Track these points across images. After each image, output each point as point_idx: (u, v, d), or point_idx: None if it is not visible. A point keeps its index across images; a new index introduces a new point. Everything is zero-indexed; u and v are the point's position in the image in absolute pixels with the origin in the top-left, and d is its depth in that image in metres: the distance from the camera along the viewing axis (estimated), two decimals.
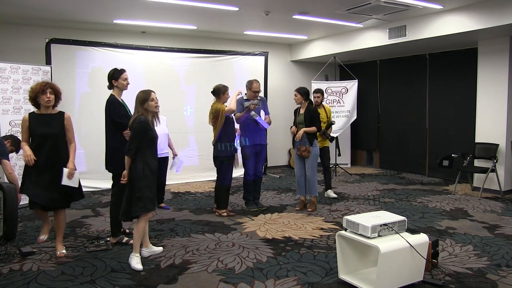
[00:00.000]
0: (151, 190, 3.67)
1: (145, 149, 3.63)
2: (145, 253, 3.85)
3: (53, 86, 3.82)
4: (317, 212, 5.47)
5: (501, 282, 3.31)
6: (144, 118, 3.63)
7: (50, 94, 3.76)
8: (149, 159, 3.66)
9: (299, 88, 5.55)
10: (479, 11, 5.71)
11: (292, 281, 3.35)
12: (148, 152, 3.65)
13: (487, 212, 5.48)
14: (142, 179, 3.60)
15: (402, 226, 3.23)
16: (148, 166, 3.63)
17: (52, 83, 3.86)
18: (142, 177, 3.59)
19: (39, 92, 3.71)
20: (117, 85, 4.15)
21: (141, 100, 3.66)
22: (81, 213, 5.45)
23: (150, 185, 3.66)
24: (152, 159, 3.70)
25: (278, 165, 9.25)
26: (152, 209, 3.72)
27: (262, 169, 5.74)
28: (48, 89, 3.75)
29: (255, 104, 5.30)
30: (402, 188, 7.12)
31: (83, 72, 6.84)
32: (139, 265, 3.59)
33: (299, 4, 5.83)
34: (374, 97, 9.36)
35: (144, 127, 3.61)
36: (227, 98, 5.20)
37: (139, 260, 3.63)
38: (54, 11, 6.02)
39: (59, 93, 3.89)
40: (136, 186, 3.59)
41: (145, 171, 3.61)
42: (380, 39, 7.22)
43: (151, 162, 3.67)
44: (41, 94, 3.71)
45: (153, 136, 3.71)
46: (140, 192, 3.59)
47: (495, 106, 6.55)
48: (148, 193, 3.63)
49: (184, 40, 8.05)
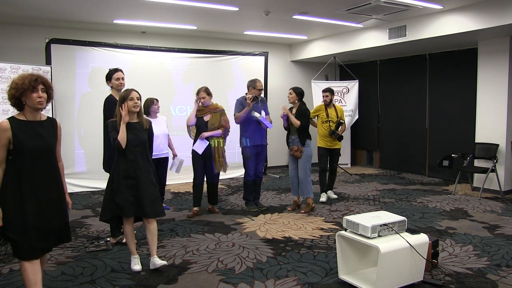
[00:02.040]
0: (119, 195, 3.44)
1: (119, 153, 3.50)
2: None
3: (45, 82, 2.67)
4: (317, 212, 5.47)
5: (501, 282, 3.31)
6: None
7: (42, 92, 2.63)
8: (120, 163, 3.49)
9: (295, 87, 5.53)
10: (479, 11, 5.71)
11: (292, 281, 3.35)
12: (119, 156, 3.50)
13: (487, 212, 5.48)
14: (111, 182, 3.51)
15: (402, 226, 3.23)
16: (117, 171, 3.48)
17: (43, 77, 2.69)
18: (110, 180, 3.52)
19: (28, 89, 2.58)
20: (111, 85, 4.20)
21: (120, 99, 3.52)
22: (81, 213, 5.45)
23: (120, 189, 3.45)
24: (123, 164, 3.48)
25: (278, 165, 9.25)
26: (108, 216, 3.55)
27: (262, 169, 5.74)
28: (40, 85, 2.62)
29: (251, 98, 5.29)
30: (402, 188, 7.12)
31: (83, 72, 6.84)
32: (136, 266, 3.56)
33: (299, 4, 5.83)
34: (374, 97, 9.36)
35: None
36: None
37: (137, 261, 3.61)
38: (54, 11, 6.02)
39: (52, 90, 2.72)
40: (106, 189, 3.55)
41: (115, 174, 3.50)
42: (380, 39, 7.22)
43: (122, 166, 3.48)
44: (30, 92, 2.59)
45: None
46: (105, 195, 3.53)
47: (495, 106, 6.55)
48: (117, 198, 3.45)
49: (184, 40, 8.06)
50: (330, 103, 6.17)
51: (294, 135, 5.40)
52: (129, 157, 3.48)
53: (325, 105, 6.12)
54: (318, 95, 7.60)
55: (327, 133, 6.01)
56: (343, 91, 8.57)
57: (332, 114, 6.09)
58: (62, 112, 6.63)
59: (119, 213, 3.51)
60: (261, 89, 5.49)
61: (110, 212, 3.51)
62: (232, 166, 8.14)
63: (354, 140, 9.69)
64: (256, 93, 5.46)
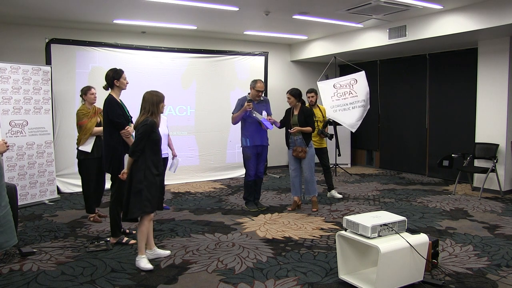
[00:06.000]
0: (151, 192, 3.61)
1: (148, 151, 3.59)
2: (149, 255, 3.78)
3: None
4: (317, 212, 5.47)
5: (501, 282, 3.31)
6: (151, 120, 3.59)
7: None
8: (152, 161, 3.60)
9: (291, 90, 5.49)
10: (479, 11, 5.71)
11: (292, 281, 3.35)
12: (150, 154, 3.60)
13: (487, 212, 5.48)
14: (143, 180, 3.56)
15: (402, 226, 3.23)
16: (149, 168, 3.58)
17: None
18: (142, 178, 3.56)
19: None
20: (119, 85, 4.15)
21: (157, 101, 3.65)
22: (81, 213, 5.45)
23: (151, 186, 3.61)
24: (155, 161, 3.63)
25: (278, 165, 9.25)
26: (149, 212, 3.64)
27: (263, 169, 5.74)
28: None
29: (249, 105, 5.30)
30: (402, 188, 7.12)
31: (83, 72, 6.84)
32: (149, 265, 3.57)
33: (299, 4, 5.83)
34: (374, 97, 9.31)
35: (150, 130, 3.57)
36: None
37: (147, 261, 3.61)
38: (54, 11, 6.02)
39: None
40: (135, 188, 3.56)
41: (146, 172, 3.57)
42: (380, 39, 7.22)
43: (153, 164, 3.61)
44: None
45: (157, 138, 3.65)
46: (138, 193, 3.55)
47: (495, 106, 6.55)
48: (147, 195, 3.57)
49: (184, 40, 8.06)
50: (315, 104, 6.34)
51: (297, 135, 5.40)
52: (160, 155, 3.76)
53: (311, 106, 6.18)
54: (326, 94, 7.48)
55: (315, 133, 6.05)
56: (351, 82, 8.06)
57: (318, 114, 6.24)
58: (62, 112, 6.63)
59: (152, 211, 3.68)
60: (260, 90, 5.46)
61: (144, 210, 3.57)
62: (232, 166, 8.17)
63: (354, 140, 9.69)
64: (255, 94, 5.45)
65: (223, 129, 7.99)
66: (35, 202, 5.93)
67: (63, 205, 5.92)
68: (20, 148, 5.76)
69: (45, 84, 6.12)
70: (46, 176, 6.10)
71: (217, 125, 7.95)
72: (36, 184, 5.97)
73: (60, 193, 6.48)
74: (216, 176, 7.95)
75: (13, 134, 5.67)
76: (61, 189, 6.59)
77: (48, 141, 6.15)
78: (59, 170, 6.56)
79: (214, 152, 8.02)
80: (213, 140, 7.98)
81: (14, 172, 5.70)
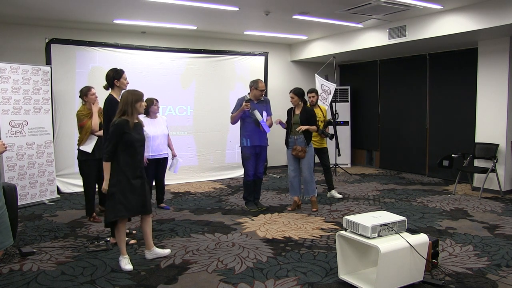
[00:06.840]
0: (126, 196, 3.50)
1: (122, 154, 3.50)
2: (149, 255, 3.78)
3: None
4: (317, 212, 5.47)
5: (501, 282, 3.30)
6: (120, 120, 3.49)
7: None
8: (127, 164, 3.51)
9: (294, 89, 5.50)
10: (479, 11, 5.71)
11: (292, 281, 3.35)
12: (125, 156, 3.50)
13: (487, 212, 5.48)
14: (116, 184, 3.49)
15: (402, 226, 3.23)
16: (122, 172, 3.49)
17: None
18: (115, 182, 3.49)
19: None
20: (119, 85, 4.15)
21: (133, 100, 3.54)
22: (81, 213, 5.45)
23: (125, 190, 3.50)
24: (131, 164, 3.52)
25: (278, 165, 9.25)
26: (124, 216, 3.56)
27: (262, 169, 5.73)
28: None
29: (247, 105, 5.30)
30: (402, 188, 7.12)
31: (83, 72, 6.84)
32: (128, 266, 3.56)
33: (299, 4, 5.83)
34: (374, 97, 9.36)
35: (119, 131, 3.47)
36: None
37: (127, 261, 3.61)
38: (54, 11, 6.02)
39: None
40: (109, 191, 3.51)
41: (120, 176, 3.49)
42: (380, 39, 7.22)
43: (129, 167, 3.51)
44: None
45: (131, 139, 3.51)
46: (111, 197, 3.50)
47: (495, 106, 6.55)
48: (121, 199, 3.48)
49: (184, 40, 8.05)
50: (316, 104, 6.32)
51: (297, 135, 5.40)
52: (137, 157, 3.59)
53: (311, 106, 6.18)
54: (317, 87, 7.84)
55: (316, 133, 6.04)
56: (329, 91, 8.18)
57: (319, 114, 6.22)
58: (62, 112, 6.63)
59: (127, 215, 3.61)
60: (263, 89, 5.50)
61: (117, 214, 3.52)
62: (232, 166, 8.17)
63: (354, 140, 9.69)
64: (257, 94, 5.47)
65: (222, 129, 7.99)
66: (35, 202, 5.93)
67: (63, 205, 5.92)
68: (20, 148, 5.76)
69: (45, 84, 6.12)
70: (46, 176, 6.10)
71: (217, 125, 7.95)
72: (36, 184, 5.97)
73: (60, 193, 6.48)
74: (216, 176, 7.95)
75: (13, 134, 5.67)
76: (61, 189, 6.59)
77: (48, 141, 6.15)
78: (59, 170, 6.56)
79: (214, 152, 8.02)
80: (213, 140, 7.98)
81: (14, 172, 5.70)
